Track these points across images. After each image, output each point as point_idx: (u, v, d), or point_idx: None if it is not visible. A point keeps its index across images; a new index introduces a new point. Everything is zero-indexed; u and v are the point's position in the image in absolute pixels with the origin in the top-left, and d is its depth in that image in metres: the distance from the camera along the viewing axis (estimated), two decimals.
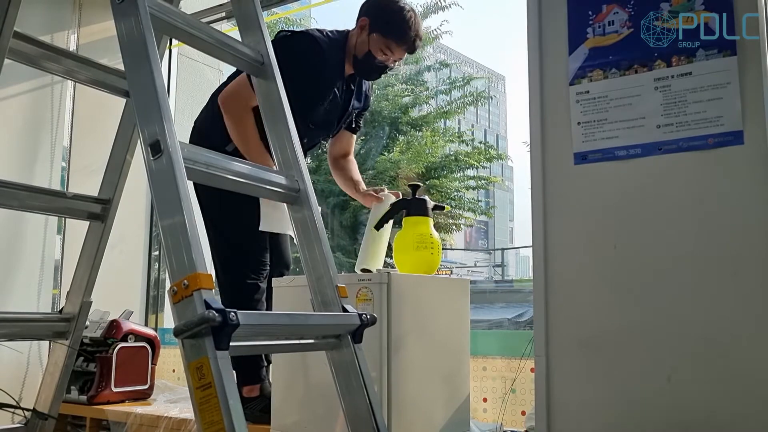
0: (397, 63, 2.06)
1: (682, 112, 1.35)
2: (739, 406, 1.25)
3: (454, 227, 10.32)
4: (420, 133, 10.32)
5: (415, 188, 1.91)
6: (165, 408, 2.32)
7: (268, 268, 2.02)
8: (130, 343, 2.48)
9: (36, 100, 3.00)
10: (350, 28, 2.08)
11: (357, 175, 2.23)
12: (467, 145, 10.76)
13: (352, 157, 2.27)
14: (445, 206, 2.08)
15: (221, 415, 0.79)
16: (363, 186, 2.18)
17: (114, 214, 1.51)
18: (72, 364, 1.51)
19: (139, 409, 2.31)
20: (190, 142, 1.79)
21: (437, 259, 1.87)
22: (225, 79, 2.17)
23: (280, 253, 2.12)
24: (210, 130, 2.01)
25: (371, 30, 1.99)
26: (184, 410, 2.24)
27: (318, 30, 2.04)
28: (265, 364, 1.99)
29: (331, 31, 2.05)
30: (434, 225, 1.92)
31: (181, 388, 2.73)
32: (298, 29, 2.10)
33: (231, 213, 1.95)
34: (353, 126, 2.22)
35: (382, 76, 2.13)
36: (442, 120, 10.74)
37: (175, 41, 3.00)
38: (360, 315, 1.12)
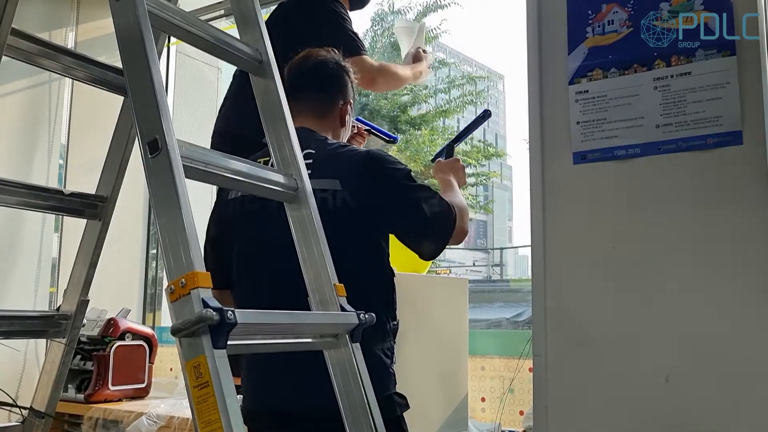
0: None
1: (681, 111, 1.35)
2: (738, 407, 1.25)
3: None
4: (419, 132, 10.33)
5: None
6: (154, 405, 2.32)
7: None
8: (128, 342, 2.48)
9: (34, 98, 2.99)
10: None
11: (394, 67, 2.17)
12: (466, 144, 10.77)
13: (375, 76, 2.07)
14: None
15: (218, 414, 0.79)
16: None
17: (112, 212, 1.50)
18: (69, 362, 1.51)
19: (126, 405, 2.31)
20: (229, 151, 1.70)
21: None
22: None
23: None
24: (248, 133, 1.97)
25: None
26: (169, 409, 2.24)
27: None
28: None
29: None
30: None
31: (174, 386, 2.73)
32: None
33: None
34: None
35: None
36: (441, 119, 10.75)
37: (173, 39, 2.99)
38: (358, 314, 1.11)
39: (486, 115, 1.93)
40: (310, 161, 1.34)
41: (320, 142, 1.41)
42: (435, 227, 1.38)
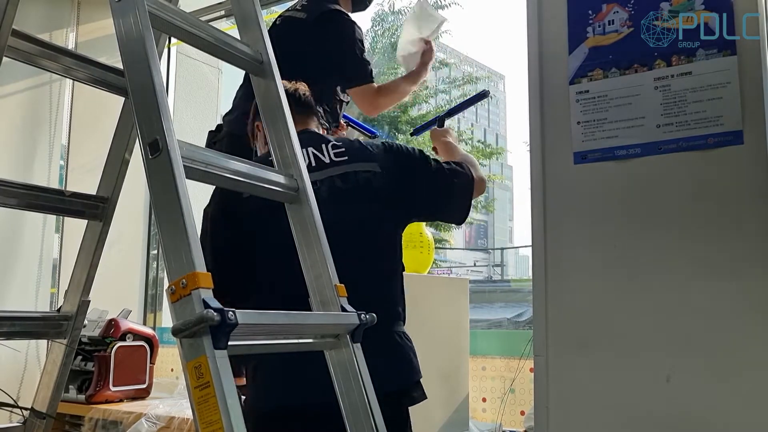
0: None
1: (681, 111, 1.35)
2: (739, 406, 1.24)
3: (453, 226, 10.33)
4: None
5: None
6: (153, 406, 2.32)
7: None
8: (129, 342, 2.48)
9: (34, 99, 2.99)
10: None
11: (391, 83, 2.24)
12: (467, 144, 10.77)
13: (375, 99, 2.16)
14: None
15: (219, 414, 0.79)
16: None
17: (112, 213, 1.50)
18: (70, 363, 1.51)
19: (126, 406, 2.31)
20: (233, 152, 1.70)
21: (429, 258, 1.87)
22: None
23: None
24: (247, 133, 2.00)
25: None
26: (169, 410, 2.24)
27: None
28: None
29: None
30: (433, 223, 1.92)
31: (174, 386, 2.73)
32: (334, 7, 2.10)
33: None
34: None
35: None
36: None
37: (174, 39, 3.00)
38: (359, 315, 1.11)
39: (485, 93, 2.00)
40: (342, 149, 1.46)
41: (336, 137, 1.56)
42: (459, 192, 1.53)
